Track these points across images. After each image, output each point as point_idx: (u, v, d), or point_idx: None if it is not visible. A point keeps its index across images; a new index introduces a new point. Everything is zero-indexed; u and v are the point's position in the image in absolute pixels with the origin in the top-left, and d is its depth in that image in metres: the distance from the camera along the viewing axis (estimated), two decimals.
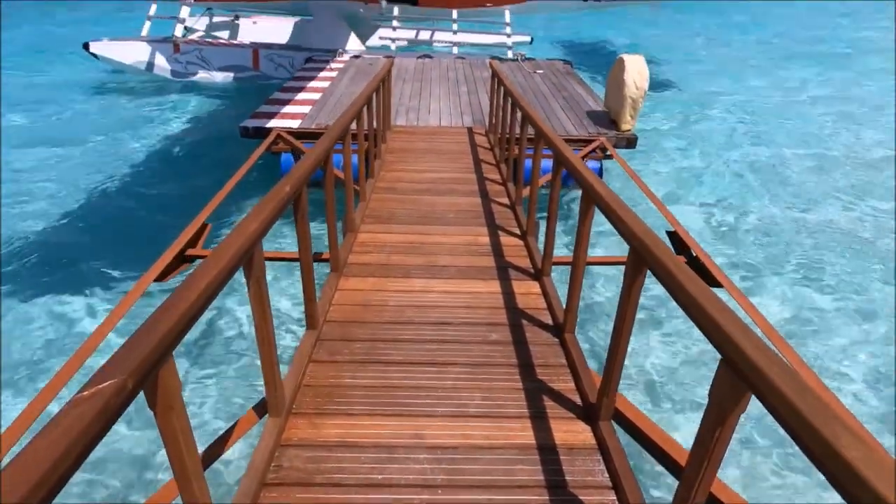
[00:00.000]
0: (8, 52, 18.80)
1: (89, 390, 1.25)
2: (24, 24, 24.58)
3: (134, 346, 1.41)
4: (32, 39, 20.97)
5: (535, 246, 4.41)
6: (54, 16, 26.60)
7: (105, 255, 6.63)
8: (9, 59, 17.31)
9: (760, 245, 7.46)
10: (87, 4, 28.24)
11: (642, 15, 26.50)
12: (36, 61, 17.32)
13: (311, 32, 14.11)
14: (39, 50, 18.76)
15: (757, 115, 12.97)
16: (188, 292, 1.66)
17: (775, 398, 1.26)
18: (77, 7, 28.09)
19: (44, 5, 29.54)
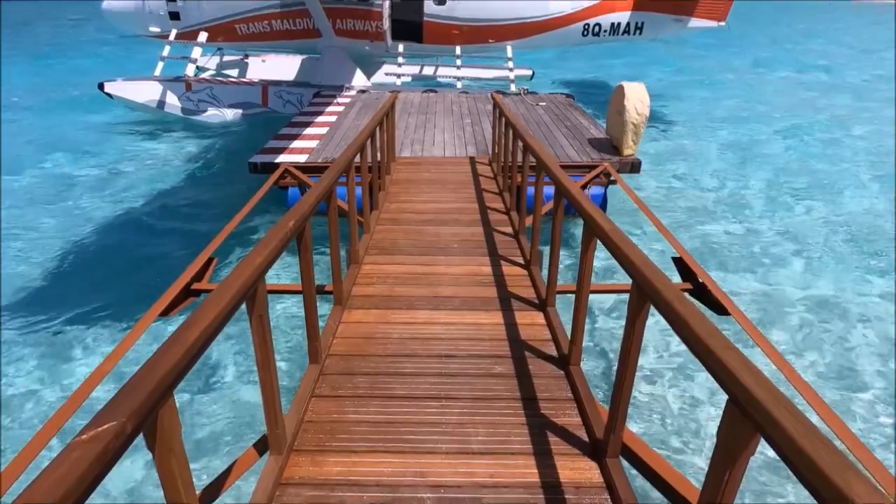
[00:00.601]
0: (17, 85, 19.47)
1: (88, 433, 1.25)
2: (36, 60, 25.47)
3: (134, 386, 1.41)
4: (43, 76, 21.69)
5: (538, 276, 4.39)
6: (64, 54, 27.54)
7: (110, 290, 6.68)
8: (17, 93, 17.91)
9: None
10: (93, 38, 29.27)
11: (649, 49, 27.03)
12: (44, 97, 17.89)
13: (318, 69, 14.48)
14: (46, 86, 19.40)
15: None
16: (189, 332, 1.67)
17: (784, 442, 1.23)
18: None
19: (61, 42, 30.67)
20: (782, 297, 6.77)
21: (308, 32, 14.26)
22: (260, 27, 14.27)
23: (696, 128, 15.03)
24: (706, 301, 4.40)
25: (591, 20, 14.17)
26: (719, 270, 7.38)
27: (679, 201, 9.75)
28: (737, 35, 28.36)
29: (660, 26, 14.39)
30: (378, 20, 13.81)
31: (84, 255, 7.68)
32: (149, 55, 15.98)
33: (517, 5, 14.04)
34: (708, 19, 14.20)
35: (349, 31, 14.10)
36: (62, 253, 7.75)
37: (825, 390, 5.10)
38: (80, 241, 8.13)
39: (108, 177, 10.90)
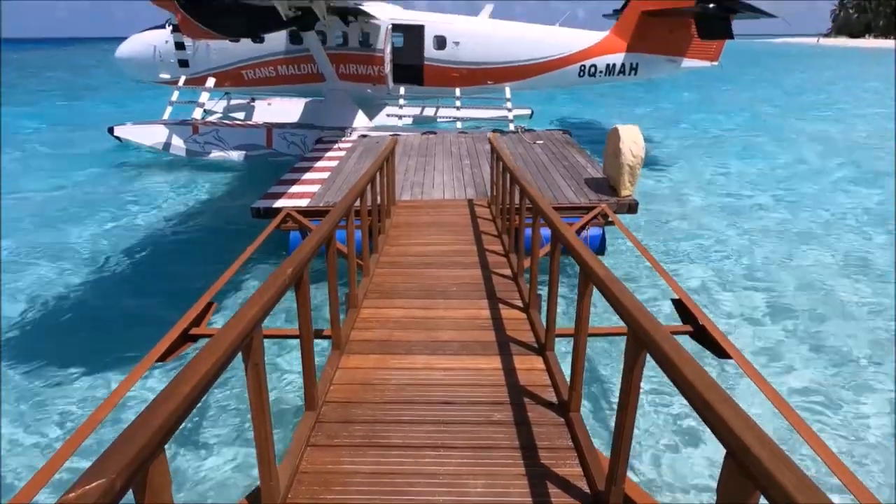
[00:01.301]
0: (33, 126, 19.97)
1: (76, 492, 1.23)
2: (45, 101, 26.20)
3: (125, 441, 1.40)
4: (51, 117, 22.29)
5: (537, 319, 4.38)
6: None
7: (107, 333, 6.65)
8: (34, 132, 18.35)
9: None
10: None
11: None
12: (52, 138, 18.34)
13: (321, 111, 14.87)
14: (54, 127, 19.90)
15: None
16: (183, 384, 1.67)
17: (785, 502, 1.22)
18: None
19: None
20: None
21: (312, 77, 14.74)
22: (265, 72, 14.76)
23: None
24: (707, 344, 4.38)
25: (587, 62, 14.68)
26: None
27: (678, 239, 9.79)
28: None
29: (654, 67, 14.87)
30: (380, 64, 14.28)
31: (83, 298, 7.69)
32: (158, 98, 16.49)
33: (515, 49, 14.56)
34: (701, 59, 14.71)
35: (352, 74, 14.58)
36: (60, 294, 7.75)
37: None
38: (80, 283, 8.16)
39: (111, 218, 11.03)
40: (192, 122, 14.05)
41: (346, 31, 14.07)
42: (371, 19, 13.84)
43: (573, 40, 14.64)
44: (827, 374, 5.97)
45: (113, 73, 24.14)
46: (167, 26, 14.41)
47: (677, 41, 14.41)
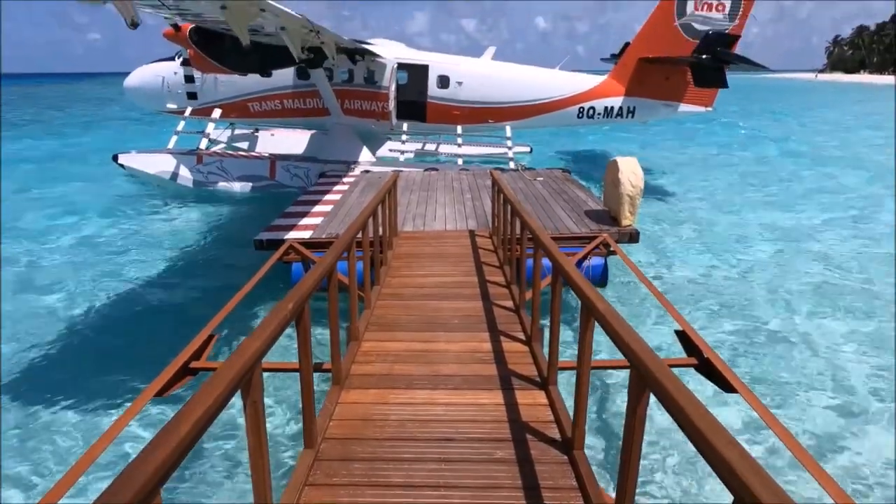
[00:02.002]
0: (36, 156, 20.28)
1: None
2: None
3: (121, 485, 1.38)
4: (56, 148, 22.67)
5: (539, 352, 4.34)
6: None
7: (105, 367, 6.57)
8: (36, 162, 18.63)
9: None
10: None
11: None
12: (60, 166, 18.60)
13: (325, 145, 15.10)
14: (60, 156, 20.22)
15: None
16: (181, 425, 1.65)
17: None
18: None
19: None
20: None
21: (317, 111, 15.04)
22: (271, 105, 15.07)
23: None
24: (712, 377, 4.32)
25: (586, 104, 15.06)
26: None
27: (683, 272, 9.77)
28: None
29: (651, 110, 15.28)
30: (384, 101, 14.58)
31: (80, 331, 7.63)
32: (161, 127, 16.78)
33: (516, 90, 14.92)
34: (696, 105, 15.15)
35: (356, 110, 14.87)
36: (58, 327, 7.71)
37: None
38: (78, 314, 8.12)
39: (114, 248, 11.08)
40: (197, 153, 14.24)
41: (352, 68, 14.44)
42: (377, 58, 14.24)
43: (572, 83, 15.08)
44: (834, 411, 5.85)
45: (125, 105, 24.68)
46: (176, 58, 14.79)
47: (673, 87, 14.86)
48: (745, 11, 14.20)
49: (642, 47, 14.71)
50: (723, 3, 14.15)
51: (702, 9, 14.21)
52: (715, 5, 14.17)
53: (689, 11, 14.24)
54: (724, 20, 14.24)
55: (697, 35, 14.23)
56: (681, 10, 14.26)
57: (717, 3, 14.14)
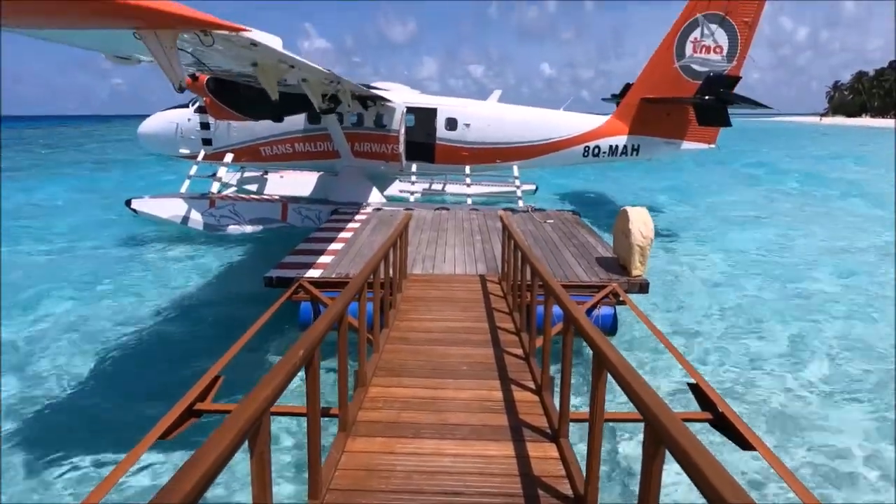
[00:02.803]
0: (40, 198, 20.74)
1: None
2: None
3: None
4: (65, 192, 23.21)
5: (550, 403, 4.25)
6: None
7: (109, 410, 6.50)
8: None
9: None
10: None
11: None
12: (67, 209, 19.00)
13: (336, 187, 15.37)
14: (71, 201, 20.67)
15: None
16: (185, 480, 1.61)
17: None
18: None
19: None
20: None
21: (327, 154, 15.39)
22: (283, 149, 15.44)
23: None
24: (728, 433, 4.19)
25: (591, 143, 15.42)
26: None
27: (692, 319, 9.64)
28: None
29: (654, 148, 15.60)
30: (394, 143, 14.93)
31: (85, 373, 7.58)
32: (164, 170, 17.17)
33: (522, 130, 15.31)
34: (699, 143, 15.45)
35: (367, 152, 15.21)
36: (62, 369, 7.67)
37: None
38: (85, 355, 8.09)
39: (123, 288, 11.16)
40: (209, 196, 14.50)
41: (362, 112, 14.87)
42: (387, 103, 14.69)
43: (577, 123, 15.50)
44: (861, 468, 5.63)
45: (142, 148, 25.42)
46: (190, 105, 15.29)
47: (676, 125, 15.23)
48: (742, 53, 14.67)
49: (644, 88, 15.14)
50: (720, 45, 14.65)
51: (700, 51, 14.72)
52: (713, 48, 14.66)
53: (688, 54, 14.74)
54: (723, 61, 14.68)
55: (698, 76, 14.65)
56: (680, 52, 14.77)
57: (715, 45, 14.64)
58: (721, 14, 14.36)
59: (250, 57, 7.12)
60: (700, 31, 14.54)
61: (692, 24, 14.53)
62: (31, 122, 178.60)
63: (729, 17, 14.36)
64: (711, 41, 14.57)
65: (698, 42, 14.61)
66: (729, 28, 14.46)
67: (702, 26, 14.50)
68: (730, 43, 14.57)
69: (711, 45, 14.61)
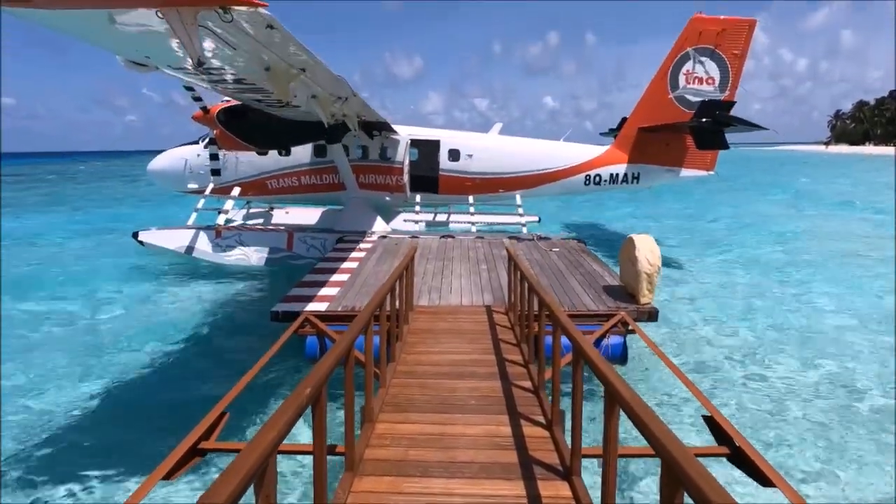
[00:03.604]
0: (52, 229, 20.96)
1: None
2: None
3: None
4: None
5: (561, 438, 4.15)
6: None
7: (111, 447, 6.40)
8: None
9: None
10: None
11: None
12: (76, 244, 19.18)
13: (342, 218, 15.51)
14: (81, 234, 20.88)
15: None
16: None
17: None
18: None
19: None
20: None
21: (333, 186, 15.59)
22: (289, 182, 15.64)
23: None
24: (745, 467, 4.07)
25: (592, 172, 15.68)
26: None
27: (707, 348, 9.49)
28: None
29: (654, 176, 15.84)
30: (398, 175, 15.13)
31: (88, 407, 7.51)
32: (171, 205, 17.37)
33: (523, 161, 15.55)
34: (698, 169, 15.62)
35: (372, 184, 15.41)
36: (66, 402, 7.61)
37: None
38: (89, 390, 8.03)
39: (128, 321, 11.16)
40: (216, 227, 14.65)
41: (366, 144, 15.14)
42: (392, 134, 14.96)
43: (578, 153, 15.81)
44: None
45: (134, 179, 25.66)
46: (200, 142, 15.62)
47: (674, 153, 15.50)
48: (734, 83, 14.99)
49: (641, 118, 15.44)
50: (712, 77, 14.98)
51: (693, 83, 15.07)
52: (705, 79, 15.00)
53: (682, 85, 15.09)
54: (715, 91, 15.01)
55: (692, 106, 14.96)
56: (673, 84, 15.13)
57: (707, 77, 14.98)
58: (710, 47, 14.77)
59: (263, 54, 7.12)
60: (692, 64, 14.91)
61: (684, 58, 14.93)
62: (50, 158, 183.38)
63: (718, 50, 14.77)
64: (703, 72, 14.94)
65: (690, 74, 14.98)
66: (719, 60, 14.85)
67: (693, 59, 14.88)
68: (721, 74, 14.94)
69: (703, 76, 14.98)
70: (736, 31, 14.68)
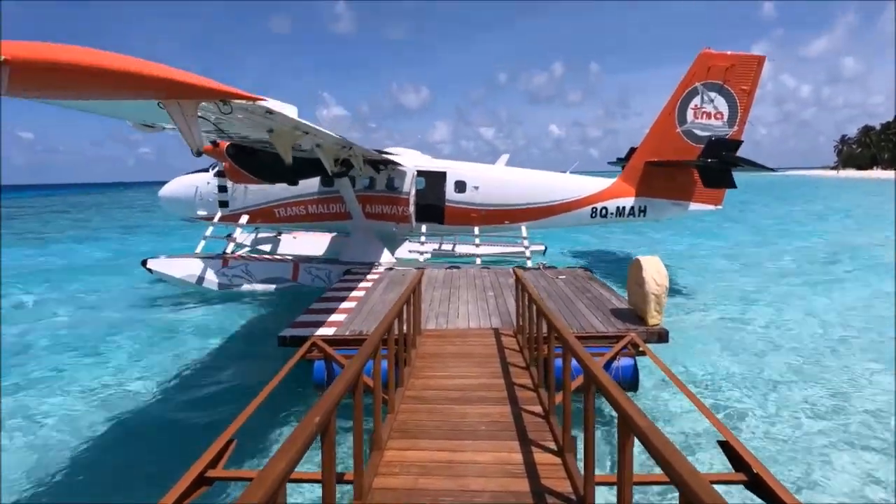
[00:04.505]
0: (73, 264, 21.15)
1: None
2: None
3: None
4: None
5: (573, 465, 4.06)
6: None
7: (118, 477, 6.32)
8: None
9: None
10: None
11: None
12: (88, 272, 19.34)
13: (347, 247, 15.58)
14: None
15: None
16: None
17: None
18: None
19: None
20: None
21: (340, 215, 15.71)
22: (296, 211, 15.80)
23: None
24: (765, 495, 3.95)
25: (598, 204, 15.63)
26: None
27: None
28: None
29: (661, 209, 15.75)
30: (405, 205, 15.24)
31: (96, 437, 7.44)
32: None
33: (530, 193, 15.58)
34: (705, 204, 15.55)
35: (378, 214, 15.51)
36: (75, 433, 7.54)
37: None
38: (95, 420, 7.97)
39: (135, 349, 11.15)
40: (223, 256, 14.75)
41: (374, 175, 15.31)
42: (398, 166, 15.13)
43: (584, 186, 15.79)
44: None
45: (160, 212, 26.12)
46: (210, 170, 15.87)
47: (681, 187, 15.40)
48: (743, 118, 14.95)
49: (648, 151, 15.44)
50: (720, 112, 14.96)
51: (701, 117, 15.05)
52: (713, 114, 14.98)
53: (690, 120, 15.10)
54: (724, 126, 14.98)
55: (700, 140, 14.93)
56: (681, 118, 15.15)
57: (715, 112, 14.96)
58: (719, 83, 14.78)
59: (266, 124, 7.42)
60: (700, 99, 14.94)
61: (692, 92, 14.96)
62: (67, 189, 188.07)
63: (727, 85, 14.78)
64: (712, 108, 14.93)
65: (699, 108, 14.99)
66: (728, 96, 14.85)
67: (701, 94, 14.92)
68: (730, 109, 14.90)
69: (712, 111, 14.96)
70: (745, 67, 14.70)
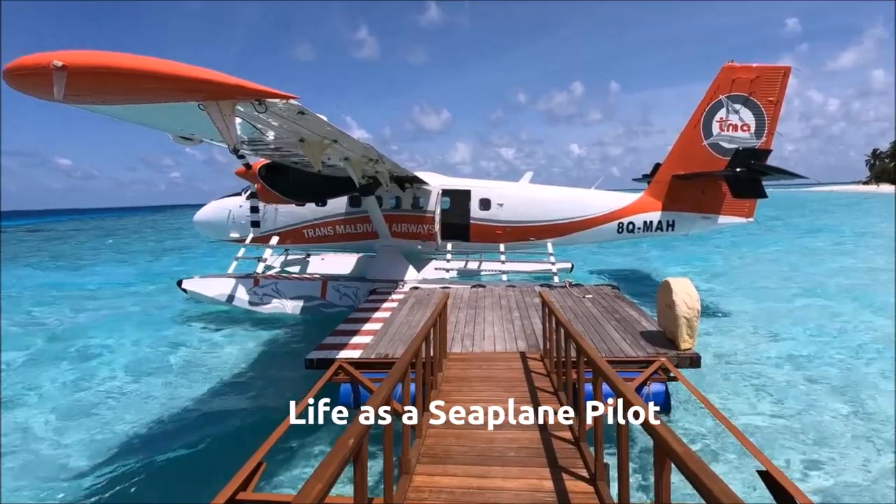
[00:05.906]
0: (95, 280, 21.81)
1: None
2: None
3: None
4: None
5: (607, 494, 3.96)
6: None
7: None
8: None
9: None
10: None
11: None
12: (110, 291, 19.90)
13: (374, 266, 15.79)
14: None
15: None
16: None
17: None
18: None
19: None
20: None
21: (367, 235, 15.96)
22: (325, 231, 16.12)
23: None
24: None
25: (625, 219, 15.45)
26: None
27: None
28: None
29: (690, 223, 15.45)
30: (430, 224, 15.37)
31: (119, 454, 7.58)
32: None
33: (556, 208, 15.52)
34: (736, 216, 15.17)
35: (404, 233, 15.69)
36: (100, 447, 7.70)
37: None
38: (124, 437, 8.13)
39: (164, 366, 11.38)
40: (254, 276, 15.09)
41: (400, 195, 15.54)
42: (424, 185, 15.33)
43: (610, 201, 15.67)
44: None
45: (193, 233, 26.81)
46: (243, 194, 16.39)
47: (710, 200, 15.12)
48: (771, 129, 14.62)
49: (675, 165, 15.23)
50: (747, 123, 14.66)
51: (727, 129, 14.77)
52: (740, 126, 14.68)
53: (716, 132, 14.83)
54: (751, 138, 14.67)
55: (727, 153, 14.65)
56: (707, 131, 14.89)
57: (742, 123, 14.65)
58: (745, 95, 14.56)
59: (297, 130, 7.58)
60: (725, 111, 14.71)
61: (717, 105, 14.76)
62: (103, 213, 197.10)
63: (753, 97, 14.54)
64: (738, 119, 14.67)
65: (724, 121, 14.75)
66: (754, 107, 14.61)
67: (726, 107, 14.70)
68: (756, 121, 14.63)
69: (738, 123, 14.70)
70: (770, 79, 14.49)
